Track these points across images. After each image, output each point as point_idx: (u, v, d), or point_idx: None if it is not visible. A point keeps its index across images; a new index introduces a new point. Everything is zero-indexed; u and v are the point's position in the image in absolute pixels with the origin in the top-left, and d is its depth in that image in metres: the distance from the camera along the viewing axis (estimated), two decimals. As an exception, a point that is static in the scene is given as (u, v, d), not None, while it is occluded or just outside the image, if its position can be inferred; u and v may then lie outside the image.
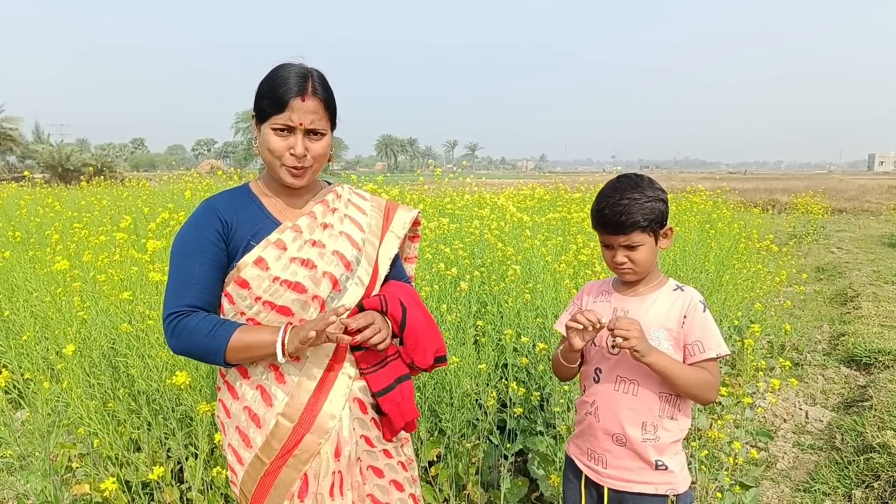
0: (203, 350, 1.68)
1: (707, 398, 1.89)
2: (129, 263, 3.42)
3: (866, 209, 22.53)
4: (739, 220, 8.51)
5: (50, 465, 2.75)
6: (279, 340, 1.66)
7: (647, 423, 1.90)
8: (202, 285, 1.71)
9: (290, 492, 1.74)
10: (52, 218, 6.66)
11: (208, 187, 8.40)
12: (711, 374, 1.87)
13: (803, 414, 4.81)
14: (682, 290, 1.95)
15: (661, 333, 1.89)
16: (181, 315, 1.68)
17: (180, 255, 1.73)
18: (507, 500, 3.17)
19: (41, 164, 37.35)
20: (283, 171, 1.74)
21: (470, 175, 9.31)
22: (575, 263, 4.06)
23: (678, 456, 1.95)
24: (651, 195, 1.86)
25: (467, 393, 3.13)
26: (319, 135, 1.74)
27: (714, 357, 1.87)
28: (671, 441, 1.91)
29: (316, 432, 1.73)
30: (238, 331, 1.68)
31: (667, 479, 1.91)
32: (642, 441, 1.90)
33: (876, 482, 3.59)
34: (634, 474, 1.92)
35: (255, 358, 1.72)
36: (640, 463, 1.91)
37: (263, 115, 1.71)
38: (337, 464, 1.77)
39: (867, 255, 12.22)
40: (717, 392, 1.89)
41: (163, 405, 2.92)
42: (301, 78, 1.69)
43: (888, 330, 6.49)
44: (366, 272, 1.84)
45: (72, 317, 3.23)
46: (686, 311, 1.89)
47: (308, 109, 1.69)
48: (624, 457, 1.93)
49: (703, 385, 1.86)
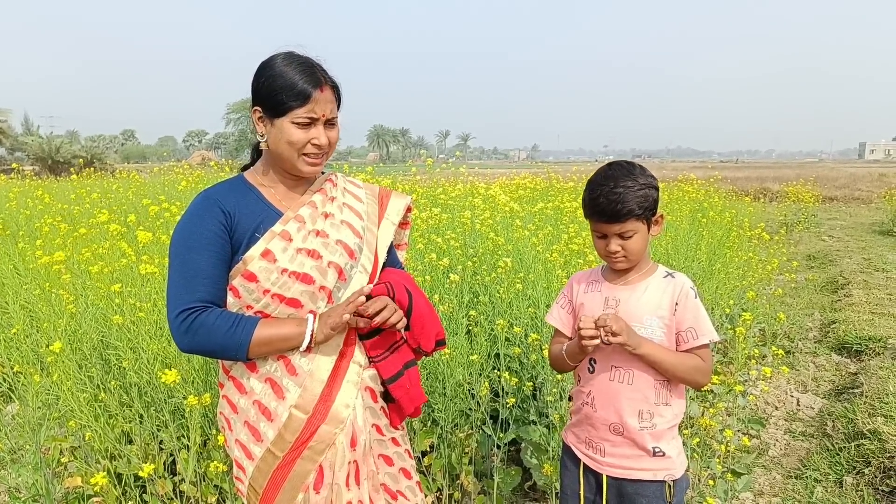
0: (223, 347, 1.65)
1: (700, 383, 1.92)
2: (118, 255, 3.40)
3: (857, 197, 22.64)
4: (731, 209, 8.53)
5: (41, 458, 2.74)
6: (308, 332, 1.66)
7: (643, 412, 1.91)
8: (211, 279, 1.67)
9: (306, 484, 1.73)
10: (42, 210, 6.61)
11: (200, 178, 8.35)
12: (703, 359, 1.89)
13: (795, 401, 4.84)
14: (673, 277, 1.95)
15: (654, 321, 1.89)
16: (195, 311, 1.63)
17: (185, 249, 1.68)
18: (500, 490, 3.18)
19: (31, 157, 37.04)
20: (302, 161, 1.72)
21: (462, 165, 9.29)
22: (566, 253, 4.06)
23: (675, 441, 1.97)
24: (644, 182, 1.85)
25: (460, 383, 3.13)
26: (334, 122, 1.76)
27: (706, 343, 1.88)
28: (667, 427, 1.93)
29: (331, 422, 1.73)
30: (260, 325, 1.66)
31: (664, 465, 1.92)
32: (640, 429, 1.91)
33: (867, 468, 3.62)
34: (632, 461, 1.93)
35: (277, 351, 1.71)
36: (638, 451, 1.92)
37: (282, 109, 1.67)
38: (353, 453, 1.77)
39: (858, 243, 12.29)
40: (709, 377, 1.92)
41: (154, 398, 2.90)
42: (314, 69, 1.70)
43: (879, 317, 6.52)
44: (368, 260, 1.84)
45: (61, 309, 3.21)
46: (678, 298, 1.90)
47: (327, 99, 1.70)
48: (622, 445, 1.94)
49: (696, 371, 1.89)
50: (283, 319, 1.70)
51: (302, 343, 1.67)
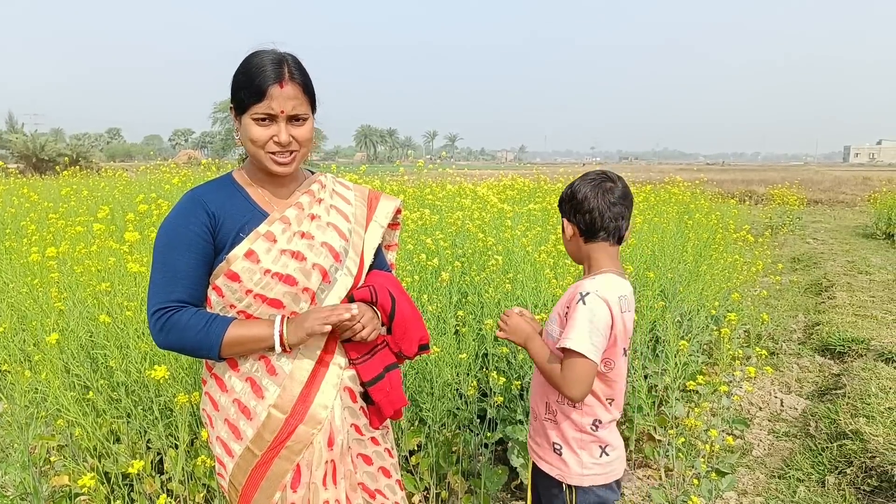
0: (195, 346, 1.66)
1: (565, 394, 1.89)
2: (106, 254, 3.39)
3: (841, 200, 22.86)
4: (717, 211, 8.60)
5: (28, 456, 2.73)
6: (276, 333, 1.66)
7: (549, 404, 2.01)
8: (190, 280, 1.68)
9: (283, 482, 1.74)
10: (28, 208, 6.56)
11: (187, 177, 8.31)
12: (565, 368, 1.86)
13: (778, 402, 4.89)
14: (592, 280, 1.93)
15: (554, 318, 2.01)
16: (170, 310, 1.66)
17: (166, 248, 1.69)
18: (486, 489, 3.20)
19: (15, 154, 36.64)
20: (268, 160, 1.71)
21: (451, 166, 9.30)
22: (555, 253, 4.09)
23: (583, 453, 1.96)
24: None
25: (448, 382, 3.14)
26: (301, 120, 1.71)
27: (571, 350, 1.83)
28: (575, 430, 1.95)
29: (309, 423, 1.73)
30: (232, 325, 1.67)
31: (559, 466, 1.98)
32: (545, 419, 2.02)
33: (849, 468, 3.67)
34: (542, 451, 2.04)
35: (250, 351, 1.71)
36: (544, 441, 2.03)
37: (243, 106, 1.68)
38: (330, 453, 1.77)
39: (842, 246, 12.41)
40: (569, 389, 1.86)
41: (142, 396, 2.90)
42: (276, 64, 1.66)
43: (862, 319, 6.60)
44: (353, 262, 1.84)
45: (49, 308, 3.20)
46: (570, 300, 1.93)
47: (288, 95, 1.66)
48: (538, 432, 2.06)
49: (551, 379, 1.92)
50: (256, 321, 1.70)
51: (274, 345, 1.68)
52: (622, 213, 1.94)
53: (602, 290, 1.87)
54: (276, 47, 1.72)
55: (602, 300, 1.85)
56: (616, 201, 1.92)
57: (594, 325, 1.83)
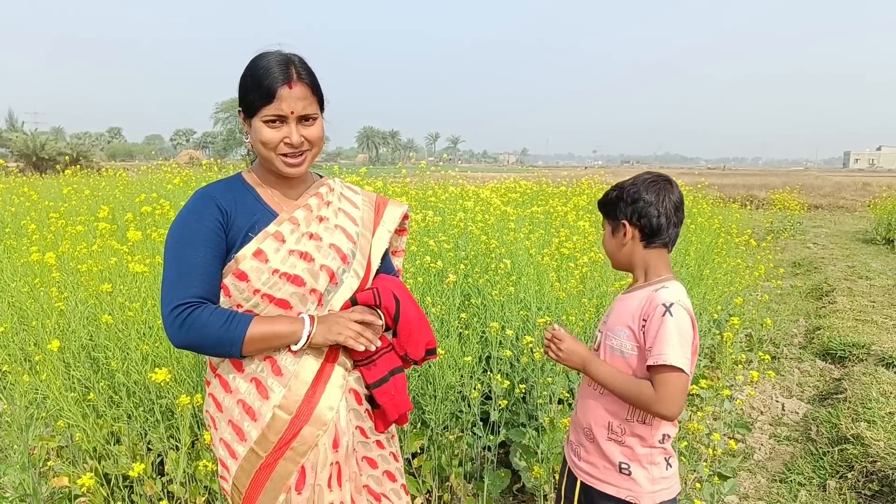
0: (216, 342, 1.64)
1: (651, 412, 1.77)
2: (108, 254, 3.38)
3: (841, 205, 22.88)
4: (719, 216, 8.59)
5: (28, 457, 2.72)
6: (305, 333, 1.67)
7: (612, 424, 1.88)
8: (207, 275, 1.66)
9: (287, 484, 1.72)
10: (29, 207, 6.55)
11: (188, 177, 8.30)
12: (657, 385, 1.73)
13: (780, 406, 4.89)
14: (663, 289, 1.82)
15: (623, 332, 1.85)
16: (189, 306, 1.62)
17: (181, 244, 1.67)
18: (489, 492, 3.19)
19: (15, 153, 36.60)
20: (280, 161, 1.70)
21: (453, 168, 9.32)
22: (558, 256, 4.08)
23: (653, 468, 1.87)
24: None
25: (451, 385, 3.13)
26: (311, 119, 1.71)
27: (664, 365, 1.71)
28: (643, 446, 1.85)
29: (314, 424, 1.72)
30: (255, 322, 1.65)
31: (628, 486, 1.86)
32: (607, 440, 1.89)
33: (850, 473, 3.66)
34: (600, 472, 1.91)
35: (271, 348, 1.70)
36: (606, 462, 1.90)
37: (253, 109, 1.67)
38: (335, 455, 1.76)
39: (842, 251, 12.41)
40: (661, 406, 1.73)
41: (143, 398, 2.89)
42: (284, 65, 1.66)
43: (862, 324, 6.60)
44: (360, 265, 1.84)
45: (50, 308, 3.19)
46: (647, 311, 1.80)
47: (297, 96, 1.66)
48: (594, 453, 1.93)
49: (638, 400, 1.77)
50: (278, 317, 1.69)
51: (298, 342, 1.67)
52: (682, 218, 1.89)
53: (683, 299, 1.78)
54: (281, 48, 1.72)
55: (685, 310, 1.76)
56: (678, 206, 1.88)
57: (683, 336, 1.73)
